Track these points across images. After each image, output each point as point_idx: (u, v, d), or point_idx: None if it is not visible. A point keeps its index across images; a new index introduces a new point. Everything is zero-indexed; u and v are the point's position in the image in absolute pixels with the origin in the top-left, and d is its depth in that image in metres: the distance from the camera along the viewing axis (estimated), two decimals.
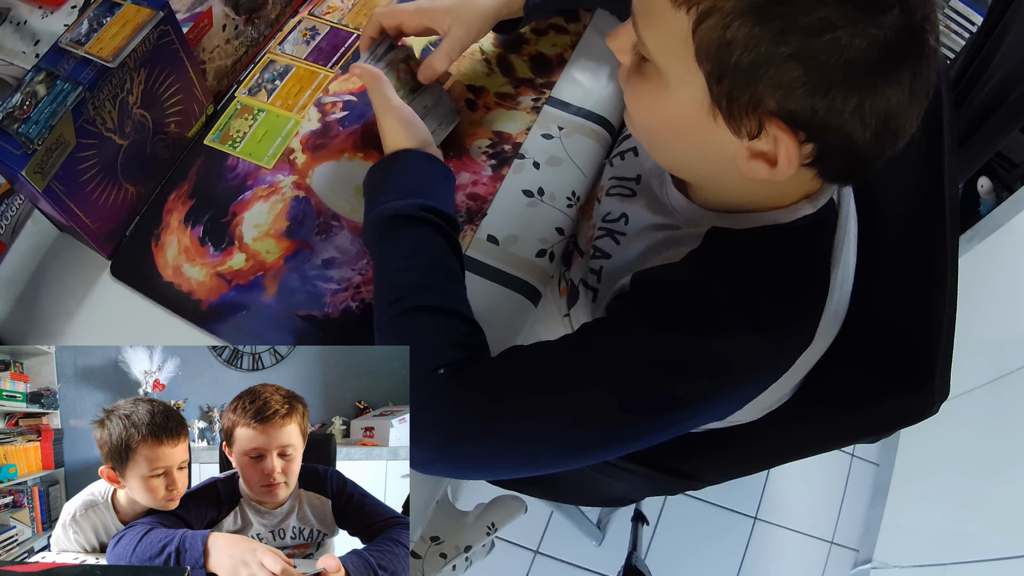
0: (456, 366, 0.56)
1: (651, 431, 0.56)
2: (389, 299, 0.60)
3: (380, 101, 0.70)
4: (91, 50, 0.63)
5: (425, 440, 0.55)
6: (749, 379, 0.57)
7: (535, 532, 1.57)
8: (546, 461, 0.56)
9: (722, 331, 0.54)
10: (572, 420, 0.54)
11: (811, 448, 0.72)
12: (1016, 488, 1.25)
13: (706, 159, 0.57)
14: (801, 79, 0.47)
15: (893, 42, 0.46)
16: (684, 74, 0.52)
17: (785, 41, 0.46)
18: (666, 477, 0.82)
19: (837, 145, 0.50)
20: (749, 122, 0.51)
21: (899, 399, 0.61)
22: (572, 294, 0.76)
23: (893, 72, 0.47)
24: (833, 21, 0.45)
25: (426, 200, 0.64)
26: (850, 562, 1.64)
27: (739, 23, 0.47)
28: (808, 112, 0.48)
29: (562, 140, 0.82)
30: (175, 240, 0.74)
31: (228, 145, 0.80)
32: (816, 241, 0.59)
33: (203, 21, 0.75)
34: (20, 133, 0.59)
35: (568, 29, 0.90)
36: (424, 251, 0.62)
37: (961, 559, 1.28)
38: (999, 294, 1.48)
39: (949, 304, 0.61)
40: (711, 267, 0.58)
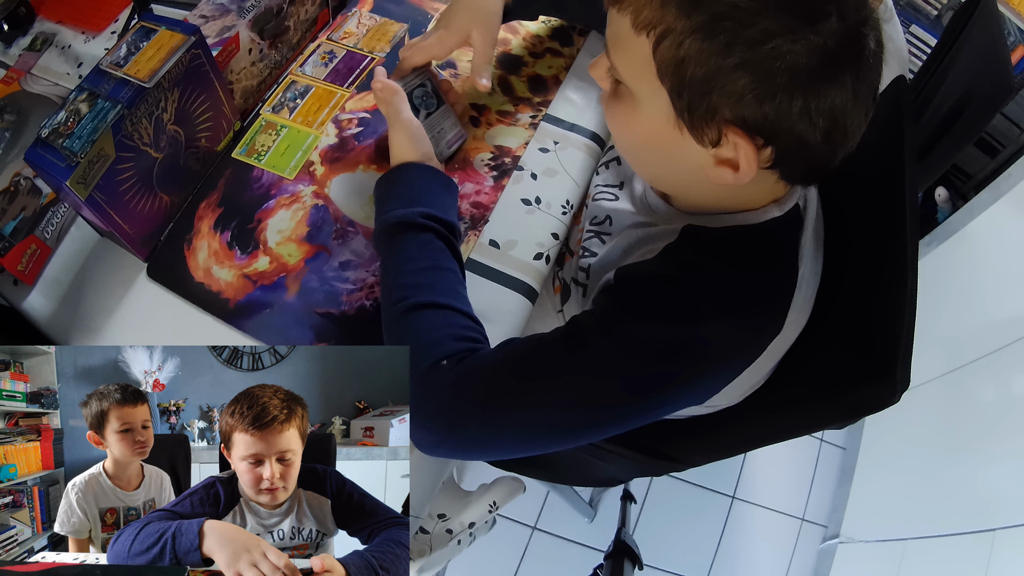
0: (457, 357, 0.56)
1: (636, 414, 0.56)
2: (394, 299, 0.60)
3: (393, 113, 0.70)
4: (129, 72, 0.63)
5: (430, 426, 0.55)
6: (724, 364, 0.57)
7: (533, 510, 1.57)
8: (540, 442, 0.56)
9: (699, 319, 0.54)
10: (563, 404, 0.54)
11: (784, 433, 0.72)
12: (968, 470, 1.25)
13: (679, 170, 0.57)
14: (750, 86, 0.47)
15: (832, 47, 0.45)
16: (651, 92, 0.52)
17: (731, 53, 0.46)
18: (652, 460, 0.82)
19: (791, 146, 0.50)
20: (710, 131, 0.51)
21: (864, 389, 0.61)
22: (565, 292, 0.76)
23: (834, 75, 0.47)
24: (773, 31, 0.45)
25: (426, 208, 0.64)
26: (819, 537, 1.64)
27: (690, 40, 0.47)
28: (759, 117, 0.48)
29: (557, 153, 0.82)
30: (205, 244, 0.74)
31: (254, 158, 0.80)
32: (784, 237, 0.59)
33: (231, 45, 0.75)
34: (65, 147, 0.59)
35: (563, 52, 0.90)
36: (425, 254, 0.62)
37: (920, 535, 1.28)
38: (955, 294, 1.48)
39: (909, 303, 0.61)
40: (687, 261, 0.57)
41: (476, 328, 0.61)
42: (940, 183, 1.63)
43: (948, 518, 1.24)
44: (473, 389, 0.54)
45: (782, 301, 0.58)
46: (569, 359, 0.55)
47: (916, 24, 1.47)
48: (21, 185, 0.72)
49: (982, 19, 0.80)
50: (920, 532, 1.28)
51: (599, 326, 0.56)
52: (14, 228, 0.70)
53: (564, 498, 1.50)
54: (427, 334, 0.58)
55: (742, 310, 0.55)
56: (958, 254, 1.51)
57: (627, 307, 0.56)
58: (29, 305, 0.72)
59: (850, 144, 0.51)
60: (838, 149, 0.51)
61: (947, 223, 1.57)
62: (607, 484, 1.43)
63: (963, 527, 1.18)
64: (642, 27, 0.49)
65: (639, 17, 0.49)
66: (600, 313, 0.58)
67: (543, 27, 0.91)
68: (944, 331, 1.44)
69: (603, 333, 0.55)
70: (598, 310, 0.58)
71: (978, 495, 1.20)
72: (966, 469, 1.26)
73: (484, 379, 0.55)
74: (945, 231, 1.56)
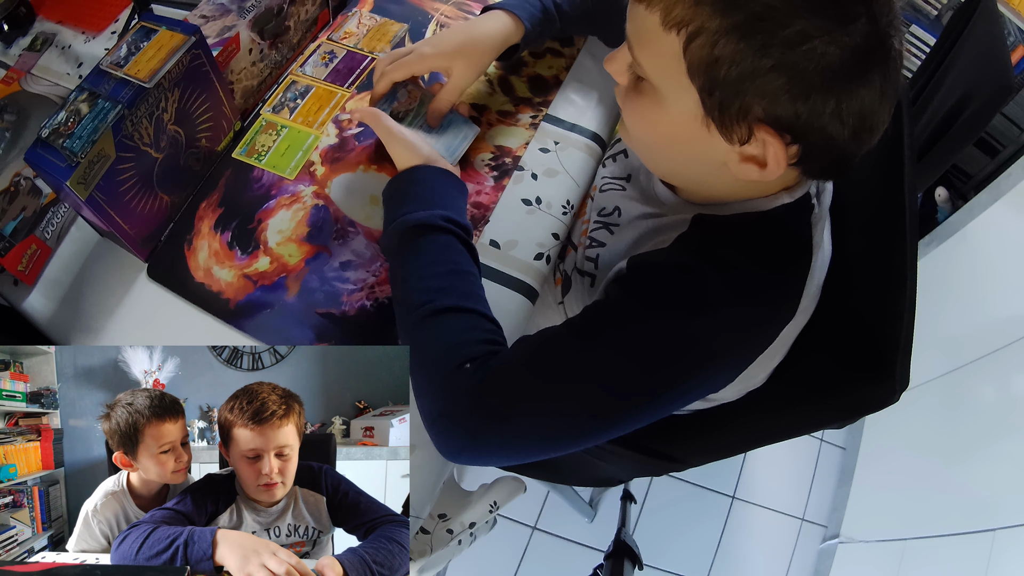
0: (480, 360, 0.55)
1: (656, 405, 0.55)
2: (416, 303, 0.59)
3: (383, 132, 0.70)
4: (129, 72, 0.63)
5: (454, 430, 0.54)
6: (740, 351, 0.57)
7: (533, 510, 1.57)
8: (564, 442, 0.55)
9: (713, 307, 0.54)
10: (586, 401, 0.54)
11: (784, 433, 0.72)
12: (968, 470, 1.26)
13: (699, 165, 0.57)
14: (784, 87, 0.47)
15: (863, 47, 0.46)
16: (678, 90, 0.52)
17: (767, 54, 0.46)
18: (653, 460, 0.82)
19: (820, 144, 0.50)
20: (740, 129, 0.51)
21: (864, 388, 0.61)
22: (566, 283, 0.76)
23: (865, 74, 0.47)
24: (809, 32, 0.45)
25: (446, 211, 0.64)
26: (819, 537, 1.64)
27: (725, 40, 0.47)
28: (792, 116, 0.48)
29: (558, 154, 0.82)
30: (206, 244, 0.74)
31: (254, 158, 0.80)
32: (795, 223, 0.59)
33: (231, 45, 0.75)
34: (65, 147, 0.59)
35: (563, 53, 0.90)
36: (446, 258, 0.62)
37: (920, 535, 1.28)
38: (954, 294, 1.48)
39: (909, 303, 0.61)
40: (699, 249, 0.57)
41: (496, 331, 0.60)
42: (940, 183, 1.63)
43: (948, 518, 1.24)
44: (497, 393, 0.54)
45: (795, 287, 0.58)
46: (587, 355, 0.54)
47: (916, 24, 1.47)
48: (21, 185, 0.72)
49: (982, 19, 0.80)
50: (920, 532, 1.28)
51: (615, 317, 0.56)
52: (14, 228, 0.70)
53: (564, 498, 1.50)
54: (451, 337, 0.57)
55: (756, 297, 0.55)
56: (958, 254, 1.51)
57: (639, 298, 0.56)
58: (29, 305, 0.72)
59: (874, 140, 0.51)
60: (863, 146, 0.51)
61: (947, 223, 1.57)
62: (607, 484, 1.43)
63: (963, 527, 1.18)
64: (672, 24, 0.49)
65: (670, 14, 0.49)
66: (615, 304, 0.57)
67: None
68: (944, 331, 1.44)
69: (619, 325, 0.55)
70: (612, 301, 0.58)
71: (978, 495, 1.20)
72: (966, 469, 1.26)
73: (507, 382, 0.54)
74: (945, 231, 1.56)
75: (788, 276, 0.57)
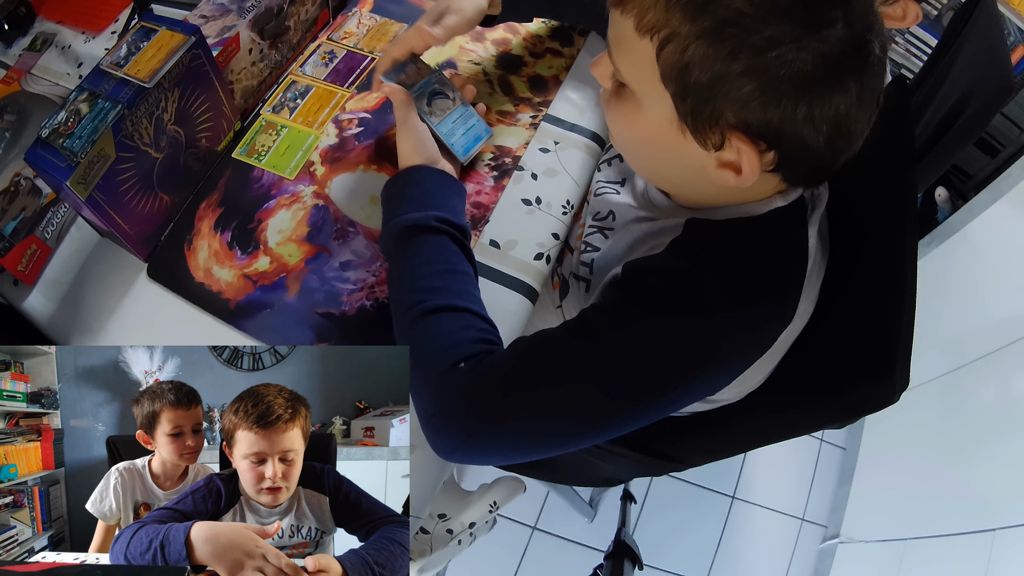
0: (475, 359, 0.55)
1: (651, 409, 0.55)
2: (410, 303, 0.60)
3: (401, 117, 0.70)
4: (129, 72, 0.63)
5: (448, 431, 0.54)
6: (737, 354, 0.57)
7: (533, 510, 1.57)
8: (559, 442, 0.55)
9: (710, 312, 0.54)
10: (582, 403, 0.53)
11: (784, 433, 0.72)
12: (968, 470, 1.26)
13: (680, 170, 0.58)
14: (754, 92, 0.47)
15: (838, 54, 0.45)
16: (654, 95, 0.52)
17: (737, 59, 0.46)
18: (653, 460, 0.82)
19: (795, 151, 0.50)
20: (713, 135, 0.51)
21: (864, 388, 0.61)
22: (564, 287, 0.76)
23: (839, 81, 0.47)
24: (779, 38, 0.45)
25: (440, 212, 0.64)
26: (819, 537, 1.64)
27: (695, 45, 0.47)
28: (763, 123, 0.48)
29: (557, 154, 0.82)
30: (206, 244, 0.74)
31: (254, 158, 0.80)
32: (790, 226, 0.58)
33: (231, 45, 0.75)
34: (65, 147, 0.59)
35: (563, 53, 0.90)
36: (440, 258, 0.62)
37: (920, 535, 1.28)
38: (954, 294, 1.48)
39: (909, 303, 0.61)
40: (695, 254, 0.57)
41: (491, 330, 0.60)
42: (940, 183, 1.63)
43: (948, 518, 1.24)
44: (491, 393, 0.53)
45: (792, 291, 0.58)
46: (584, 356, 0.54)
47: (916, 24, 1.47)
48: (21, 185, 0.72)
49: (982, 19, 0.80)
50: (920, 532, 1.28)
51: (611, 321, 0.55)
52: (14, 228, 0.70)
53: (564, 498, 1.50)
54: (444, 337, 0.57)
55: (753, 301, 0.55)
56: (958, 254, 1.51)
57: (636, 302, 0.56)
58: (29, 305, 0.72)
59: (853, 148, 0.51)
60: (841, 153, 0.51)
61: (947, 223, 1.57)
62: (607, 484, 1.43)
63: (963, 527, 1.18)
64: (646, 30, 0.49)
65: (643, 20, 0.49)
66: (611, 308, 0.57)
67: (543, 27, 0.91)
68: (944, 331, 1.44)
69: (616, 328, 0.55)
70: (608, 304, 0.58)
71: (978, 495, 1.20)
72: (966, 469, 1.26)
73: (501, 382, 0.54)
74: (945, 231, 1.56)
75: (784, 279, 0.57)
